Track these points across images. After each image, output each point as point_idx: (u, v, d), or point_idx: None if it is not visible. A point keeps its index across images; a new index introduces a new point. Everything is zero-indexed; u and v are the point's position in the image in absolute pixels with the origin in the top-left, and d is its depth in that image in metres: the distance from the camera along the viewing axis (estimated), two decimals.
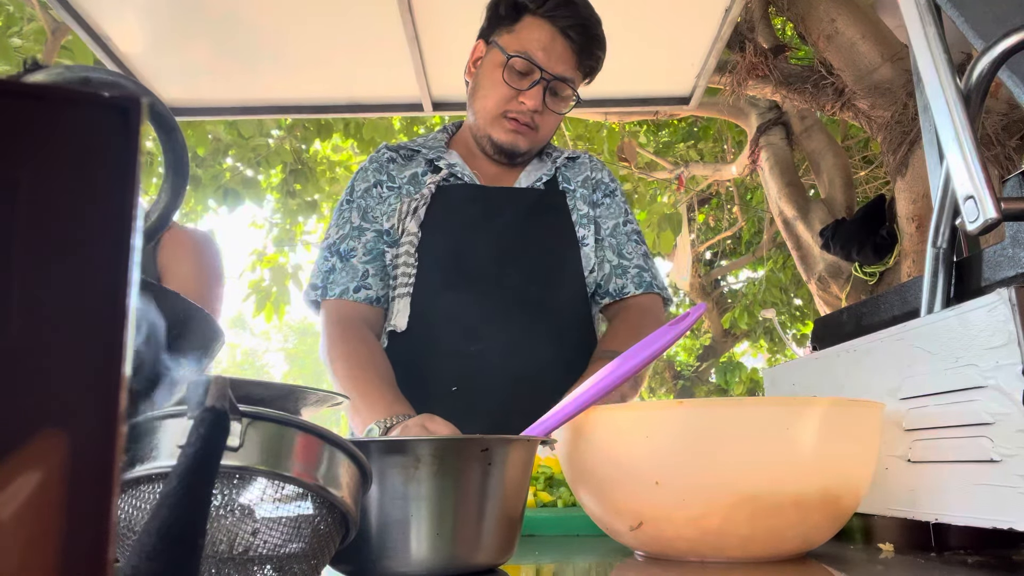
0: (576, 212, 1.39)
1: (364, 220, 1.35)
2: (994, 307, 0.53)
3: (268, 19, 2.24)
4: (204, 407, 0.39)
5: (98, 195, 0.18)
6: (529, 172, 1.42)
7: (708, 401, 0.58)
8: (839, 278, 4.24)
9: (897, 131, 3.38)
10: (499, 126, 1.33)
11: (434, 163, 1.40)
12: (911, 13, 0.70)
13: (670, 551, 0.61)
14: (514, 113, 1.31)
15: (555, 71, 1.28)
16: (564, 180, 1.43)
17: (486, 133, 1.36)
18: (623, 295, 1.37)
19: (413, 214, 1.31)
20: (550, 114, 1.34)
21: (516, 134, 1.33)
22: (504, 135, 1.33)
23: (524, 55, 1.27)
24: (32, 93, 0.17)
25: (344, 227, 1.36)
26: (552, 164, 1.44)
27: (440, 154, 1.41)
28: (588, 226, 1.39)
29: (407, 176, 1.38)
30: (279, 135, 5.93)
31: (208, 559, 0.42)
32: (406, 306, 1.27)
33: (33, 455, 0.17)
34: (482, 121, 1.36)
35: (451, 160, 1.39)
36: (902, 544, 0.66)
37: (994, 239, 0.70)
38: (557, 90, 1.31)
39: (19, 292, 0.17)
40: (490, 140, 1.36)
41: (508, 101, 1.31)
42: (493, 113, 1.33)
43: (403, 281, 1.28)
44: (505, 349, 1.23)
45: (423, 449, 0.54)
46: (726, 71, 4.02)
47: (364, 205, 1.37)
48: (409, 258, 1.29)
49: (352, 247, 1.34)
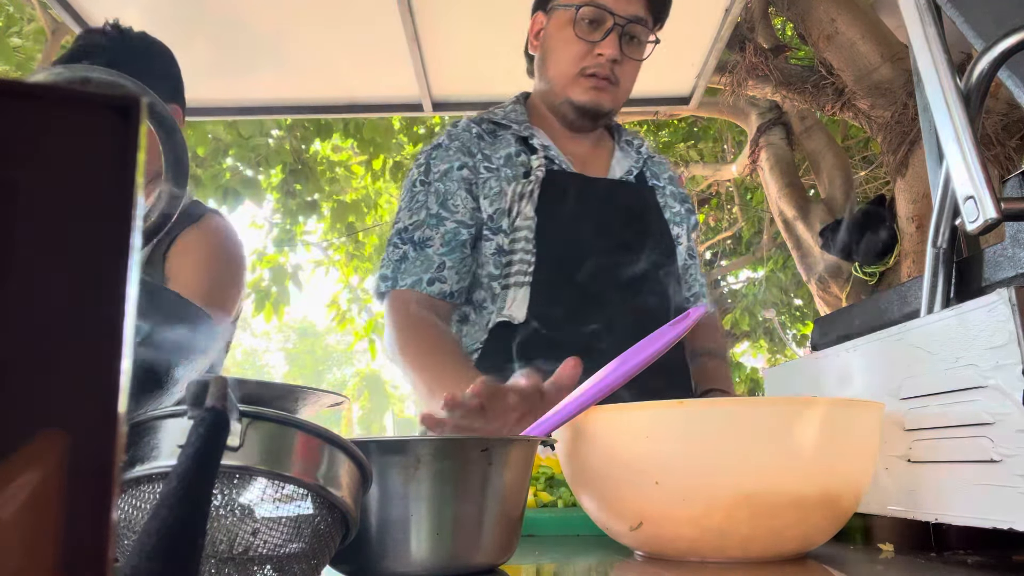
0: (668, 210, 1.35)
1: (443, 208, 1.23)
2: (994, 307, 0.53)
3: (268, 19, 2.24)
4: (204, 407, 0.39)
5: (98, 195, 0.18)
6: (619, 160, 1.36)
7: (708, 401, 0.58)
8: (839, 278, 4.24)
9: (897, 131, 3.38)
10: (578, 86, 1.26)
11: (527, 142, 1.30)
12: (911, 13, 0.70)
13: (670, 551, 0.61)
14: (592, 68, 1.24)
15: (628, 13, 1.22)
16: (652, 176, 1.39)
17: (565, 97, 1.28)
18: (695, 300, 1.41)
19: (529, 197, 1.22)
20: (629, 63, 1.27)
21: (597, 91, 1.26)
22: (584, 94, 1.26)
23: (592, 2, 1.22)
24: (32, 93, 0.17)
25: (419, 213, 1.24)
26: (637, 156, 1.39)
27: (529, 131, 1.31)
28: (681, 224, 1.36)
29: (503, 156, 1.27)
30: (279, 135, 5.93)
31: (208, 559, 0.42)
32: (525, 296, 1.17)
33: (33, 455, 0.17)
34: (559, 86, 1.29)
35: (543, 140, 1.30)
36: (902, 544, 0.66)
37: (994, 239, 0.69)
38: (633, 34, 1.25)
39: (18, 292, 0.17)
40: (570, 104, 1.28)
41: (584, 57, 1.24)
42: (570, 73, 1.26)
43: (521, 269, 1.19)
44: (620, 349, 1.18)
45: (423, 449, 0.54)
46: (726, 71, 4.02)
47: (443, 190, 1.24)
48: (528, 244, 1.19)
49: (428, 236, 1.22)
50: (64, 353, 0.17)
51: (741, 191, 7.24)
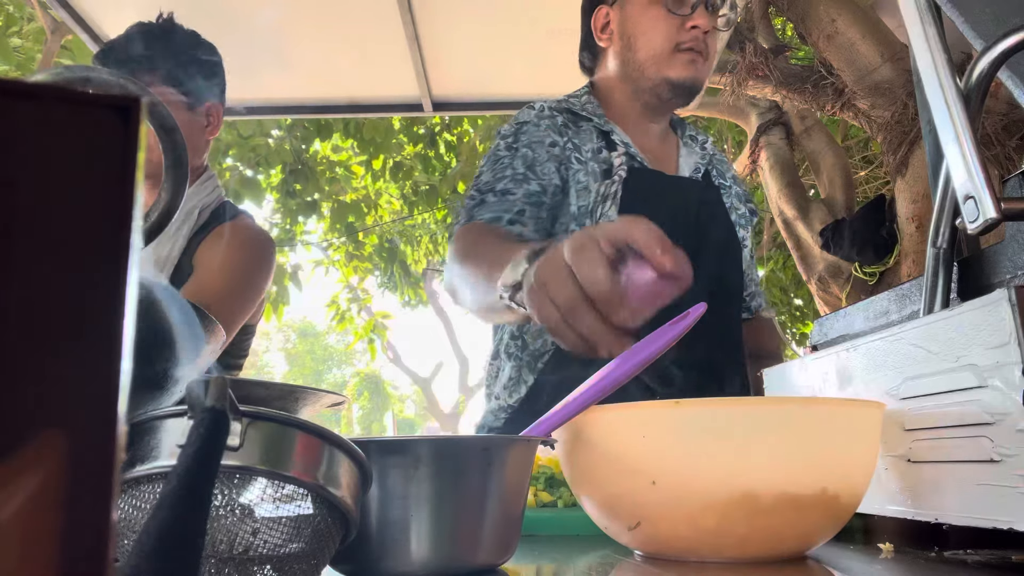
0: (735, 212, 1.34)
1: (530, 171, 1.19)
2: (994, 307, 0.53)
3: (268, 19, 2.24)
4: (204, 407, 0.39)
5: (98, 195, 0.18)
6: (685, 156, 1.35)
7: (706, 401, 0.58)
8: (839, 278, 4.24)
9: (897, 131, 3.38)
10: (676, 63, 1.24)
11: (608, 137, 1.28)
12: (911, 13, 0.70)
13: (668, 551, 0.61)
14: (688, 42, 1.23)
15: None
16: (718, 174, 1.38)
17: (662, 77, 1.25)
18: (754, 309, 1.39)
19: (613, 198, 1.20)
20: (715, 35, 1.26)
21: (694, 65, 1.24)
22: (683, 70, 1.24)
23: None
24: (31, 93, 0.17)
25: (503, 171, 1.19)
26: (703, 152, 1.38)
27: (607, 125, 1.30)
28: (747, 227, 1.36)
29: (589, 150, 1.25)
30: (279, 135, 5.93)
31: (208, 559, 0.42)
32: None
33: (33, 455, 0.17)
34: (653, 69, 1.26)
35: (622, 137, 1.29)
36: (902, 544, 0.66)
37: (994, 239, 0.69)
38: (714, 4, 1.24)
39: (18, 292, 0.17)
40: (668, 83, 1.25)
41: (677, 32, 1.23)
42: (666, 51, 1.24)
43: None
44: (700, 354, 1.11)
45: (423, 449, 0.54)
46: (726, 71, 4.02)
47: (532, 156, 1.21)
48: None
49: (510, 189, 1.17)
50: (64, 353, 0.17)
51: None
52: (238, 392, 0.42)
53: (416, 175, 6.41)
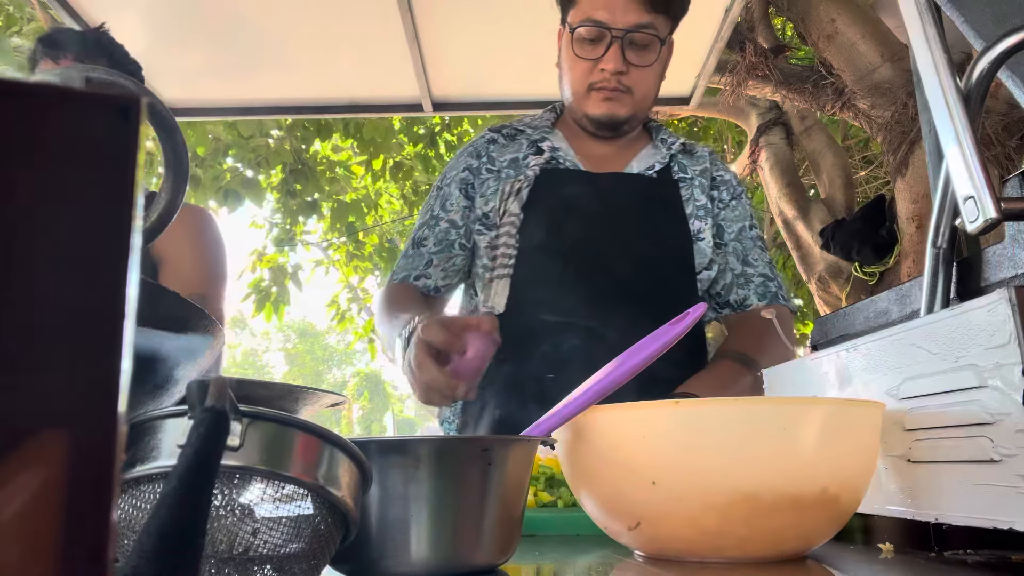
0: (692, 203, 1.33)
1: (443, 209, 1.33)
2: (994, 307, 0.53)
3: (268, 19, 2.25)
4: (204, 407, 0.39)
5: (98, 195, 0.18)
6: (642, 158, 1.36)
7: (705, 401, 0.58)
8: (839, 278, 4.24)
9: (897, 131, 3.38)
10: (591, 101, 1.29)
11: (537, 145, 1.35)
12: (911, 13, 0.70)
13: (668, 551, 0.61)
14: (599, 83, 1.27)
15: (624, 24, 1.22)
16: (680, 169, 1.37)
17: (581, 111, 1.31)
18: (745, 306, 1.31)
19: (516, 195, 1.27)
20: (638, 70, 1.27)
21: (609, 102, 1.28)
22: (597, 107, 1.28)
23: (586, 22, 1.23)
24: (32, 93, 0.17)
25: (425, 214, 1.36)
26: (667, 151, 1.37)
27: (545, 135, 1.37)
28: (705, 219, 1.32)
29: (507, 160, 1.34)
30: (279, 135, 5.93)
31: (208, 559, 0.42)
32: (505, 287, 1.23)
33: (33, 455, 0.17)
34: (574, 102, 1.32)
35: (555, 143, 1.34)
36: (902, 544, 0.66)
37: (994, 239, 0.69)
38: (636, 42, 1.24)
39: (18, 292, 0.17)
40: (587, 117, 1.31)
41: (589, 73, 1.26)
42: (580, 90, 1.29)
43: (503, 262, 1.25)
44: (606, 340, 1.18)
45: (423, 449, 0.54)
46: (726, 71, 4.02)
47: (446, 193, 1.34)
48: (510, 239, 1.25)
49: (425, 236, 1.33)
50: (64, 353, 0.17)
51: None
52: (238, 392, 0.42)
53: (416, 175, 6.41)
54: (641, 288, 1.22)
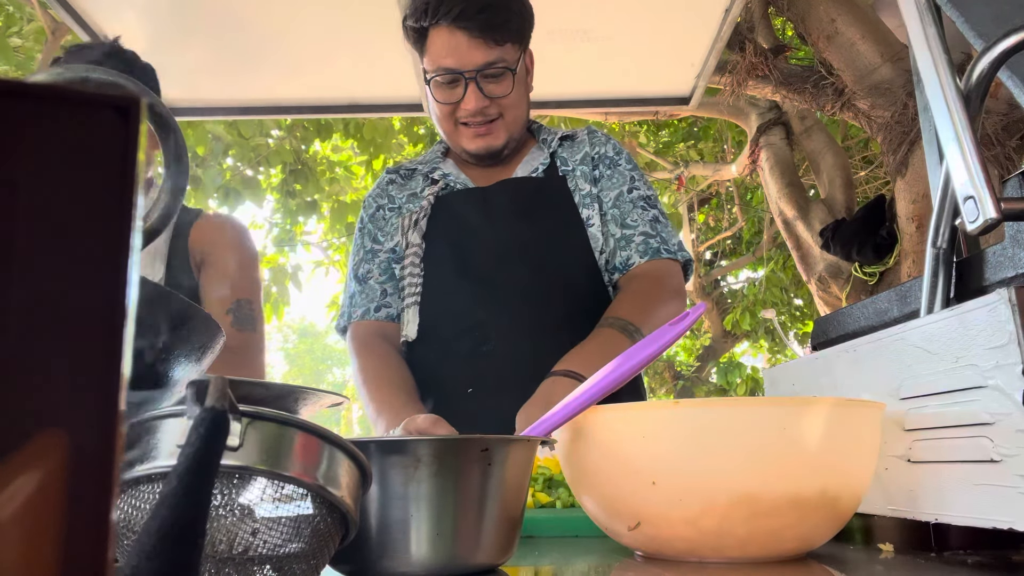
0: (578, 193, 1.36)
1: (375, 243, 1.41)
2: (994, 307, 0.53)
3: (268, 19, 2.24)
4: (204, 407, 0.39)
5: (98, 195, 0.18)
6: (525, 163, 1.40)
7: (705, 401, 0.58)
8: (839, 278, 4.24)
9: (897, 131, 3.38)
10: (462, 137, 1.34)
11: (431, 177, 1.42)
12: (911, 13, 0.70)
13: (668, 551, 0.61)
14: (464, 119, 1.31)
15: (472, 65, 1.26)
16: (562, 163, 1.40)
17: (459, 147, 1.37)
18: (628, 267, 1.31)
19: (414, 226, 1.34)
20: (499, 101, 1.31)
21: (481, 137, 1.33)
22: (471, 142, 1.34)
23: (439, 70, 1.27)
24: (32, 93, 0.17)
25: (359, 252, 1.42)
26: (547, 149, 1.41)
27: (435, 166, 1.44)
28: (592, 205, 1.35)
29: (405, 196, 1.43)
30: (279, 135, 5.93)
31: (208, 559, 0.42)
32: (415, 315, 1.30)
33: (33, 455, 0.17)
34: (450, 141, 1.38)
35: (446, 170, 1.41)
36: (902, 544, 0.66)
37: (994, 239, 0.69)
38: (491, 75, 1.28)
39: (19, 292, 0.17)
40: (466, 152, 1.36)
41: (453, 114, 1.31)
42: (450, 128, 1.34)
43: (410, 292, 1.31)
44: (517, 345, 1.22)
45: (423, 449, 0.54)
46: (726, 71, 4.02)
47: (372, 230, 1.42)
48: (415, 268, 1.32)
49: (368, 270, 1.39)
50: (64, 353, 0.17)
51: (741, 191, 7.24)
52: (238, 392, 0.42)
53: None
54: (544, 289, 1.27)
